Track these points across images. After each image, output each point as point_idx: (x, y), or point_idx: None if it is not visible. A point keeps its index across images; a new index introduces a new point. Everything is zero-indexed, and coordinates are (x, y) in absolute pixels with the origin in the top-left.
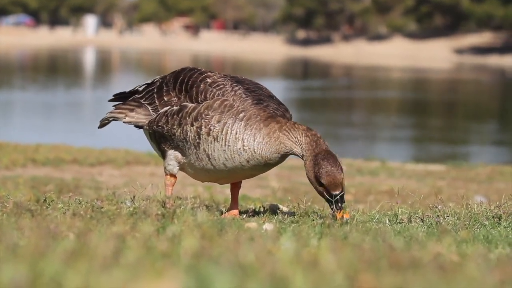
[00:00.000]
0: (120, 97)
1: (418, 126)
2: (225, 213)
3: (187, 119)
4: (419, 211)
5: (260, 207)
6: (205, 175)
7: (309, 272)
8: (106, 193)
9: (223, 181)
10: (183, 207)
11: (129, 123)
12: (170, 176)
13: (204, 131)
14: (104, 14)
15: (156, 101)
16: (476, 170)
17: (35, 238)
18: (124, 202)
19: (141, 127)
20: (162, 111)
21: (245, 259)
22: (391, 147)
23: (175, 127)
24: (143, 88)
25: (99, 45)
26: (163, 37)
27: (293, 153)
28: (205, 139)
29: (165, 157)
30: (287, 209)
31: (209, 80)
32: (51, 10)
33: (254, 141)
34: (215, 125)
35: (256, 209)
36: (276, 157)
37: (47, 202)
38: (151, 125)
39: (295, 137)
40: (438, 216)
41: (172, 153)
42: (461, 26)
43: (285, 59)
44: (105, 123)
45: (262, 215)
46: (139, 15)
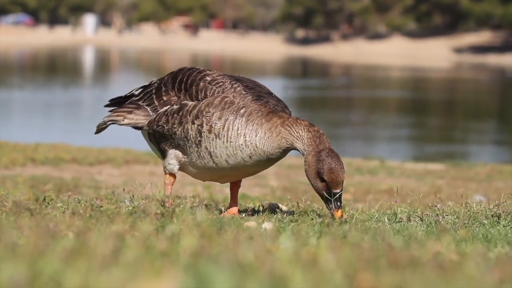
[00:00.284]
0: (116, 102)
1: (417, 125)
2: (225, 212)
3: (188, 117)
4: (418, 210)
5: (259, 206)
6: (207, 174)
7: (308, 271)
8: (105, 192)
9: (225, 179)
10: (182, 206)
11: (128, 125)
12: (169, 175)
13: (205, 128)
14: (103, 13)
15: (155, 102)
16: (475, 169)
17: (34, 237)
18: (123, 201)
19: (140, 128)
20: (162, 110)
21: (244, 258)
22: (390, 146)
23: (175, 126)
24: (140, 91)
25: (98, 44)
26: (162, 36)
27: (294, 148)
28: (207, 136)
29: (166, 156)
30: (286, 208)
31: (208, 78)
32: (50, 9)
33: (256, 136)
34: (216, 122)
35: (255, 208)
36: (278, 152)
37: (46, 201)
38: (151, 125)
39: (297, 132)
40: (437, 215)
41: (172, 152)
42: (460, 25)
43: (284, 58)
44: (102, 127)
45: (261, 214)
46: (138, 14)
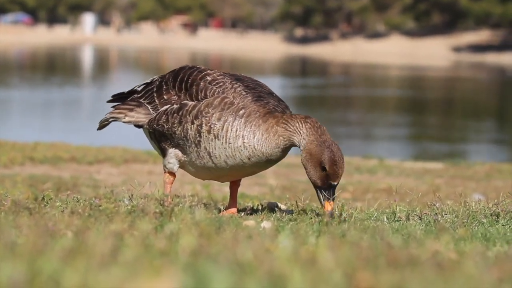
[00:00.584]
0: (118, 98)
1: (416, 124)
2: (223, 211)
3: (188, 117)
4: (417, 209)
5: (258, 205)
6: (206, 173)
7: (307, 270)
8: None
9: (224, 178)
10: (181, 205)
11: (129, 123)
12: (169, 174)
13: (204, 129)
14: (102, 12)
15: (156, 100)
16: (474, 168)
17: (33, 236)
18: (122, 200)
19: (141, 126)
20: (162, 109)
21: (243, 257)
22: (389, 145)
23: (175, 125)
24: (142, 88)
25: (97, 43)
26: (161, 35)
27: (292, 143)
28: (206, 137)
29: (166, 155)
30: (285, 207)
31: (209, 78)
32: (49, 8)
33: (254, 138)
34: (216, 123)
35: (254, 207)
36: (277, 152)
37: (45, 200)
38: (151, 124)
39: (293, 125)
40: (436, 214)
41: (172, 151)
42: (459, 24)
43: (283, 57)
44: (104, 124)
45: (260, 213)
46: (137, 13)
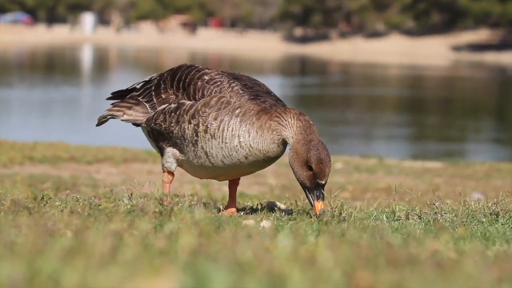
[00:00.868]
0: (118, 95)
1: (415, 123)
2: (223, 210)
3: (185, 116)
4: (417, 208)
5: (257, 204)
6: (204, 172)
7: (306, 269)
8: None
9: (222, 178)
10: (180, 204)
11: (127, 121)
12: (168, 173)
13: (201, 128)
14: (101, 11)
15: (154, 99)
16: (473, 167)
17: (32, 235)
18: (121, 199)
19: (139, 125)
20: (159, 108)
21: (243, 257)
22: (388, 144)
23: (172, 124)
24: (141, 85)
25: (97, 42)
26: (161, 34)
27: (284, 138)
28: (203, 136)
29: (163, 154)
30: (284, 207)
31: (206, 77)
32: (49, 8)
33: (249, 136)
34: (212, 123)
35: (253, 207)
36: (273, 148)
37: (45, 199)
38: (149, 123)
39: (286, 119)
40: (435, 213)
41: (170, 151)
42: (458, 23)
43: (282, 56)
44: (103, 121)
45: (259, 212)
46: (136, 12)
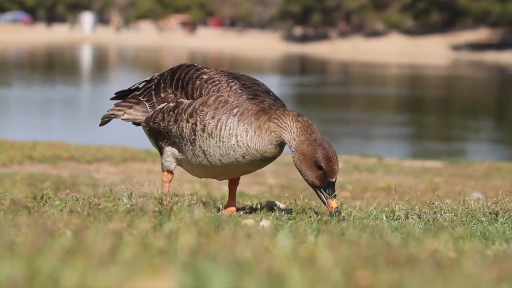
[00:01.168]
0: (122, 94)
1: (415, 122)
2: (222, 210)
3: (183, 115)
4: (416, 207)
5: (257, 204)
6: (202, 171)
7: (306, 268)
8: (103, 190)
9: (221, 177)
10: (180, 204)
11: (127, 120)
12: (167, 172)
13: (199, 127)
14: (101, 11)
15: (153, 98)
16: (473, 166)
17: (32, 235)
18: (121, 199)
19: (138, 124)
20: (158, 107)
21: (242, 256)
22: (388, 144)
23: (171, 123)
24: (142, 85)
25: (96, 42)
26: (160, 34)
27: (283, 140)
28: (200, 135)
29: (163, 153)
30: (284, 206)
31: (205, 76)
32: (48, 7)
33: (247, 136)
34: (210, 121)
35: (253, 206)
36: (271, 149)
37: (44, 199)
38: (148, 122)
39: (285, 122)
40: (435, 212)
41: (169, 150)
42: (458, 22)
43: (282, 55)
44: (105, 120)
45: (259, 212)
46: (135, 12)
